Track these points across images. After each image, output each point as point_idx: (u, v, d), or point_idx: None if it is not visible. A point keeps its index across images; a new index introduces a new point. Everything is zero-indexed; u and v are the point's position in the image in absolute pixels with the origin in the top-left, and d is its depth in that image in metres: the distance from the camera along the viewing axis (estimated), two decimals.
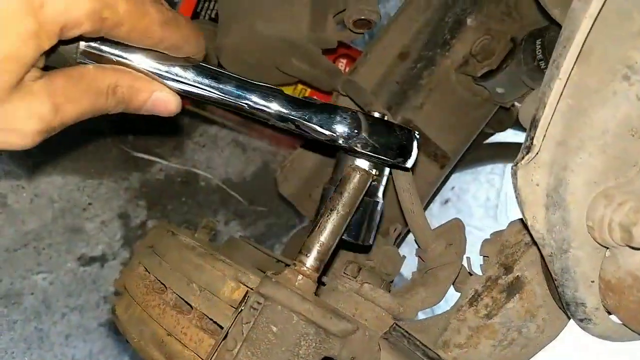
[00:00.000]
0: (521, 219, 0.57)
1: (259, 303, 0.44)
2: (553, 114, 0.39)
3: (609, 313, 0.47)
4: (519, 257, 0.51)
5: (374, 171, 0.57)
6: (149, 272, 0.59)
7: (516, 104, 0.89)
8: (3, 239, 1.25)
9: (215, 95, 0.49)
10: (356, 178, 0.50)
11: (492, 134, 1.09)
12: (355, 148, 0.53)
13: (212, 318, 0.49)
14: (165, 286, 0.55)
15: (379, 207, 0.60)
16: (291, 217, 1.57)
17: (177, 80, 0.48)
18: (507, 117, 0.99)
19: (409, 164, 0.58)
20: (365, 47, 0.96)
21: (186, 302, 0.52)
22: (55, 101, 0.41)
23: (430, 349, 0.42)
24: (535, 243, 0.44)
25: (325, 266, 0.50)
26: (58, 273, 1.33)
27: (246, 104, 0.50)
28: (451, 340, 0.53)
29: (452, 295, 0.64)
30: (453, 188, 1.86)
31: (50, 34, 0.38)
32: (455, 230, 0.68)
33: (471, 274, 0.59)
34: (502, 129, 1.02)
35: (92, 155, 1.31)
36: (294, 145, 1.22)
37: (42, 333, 1.34)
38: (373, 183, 0.58)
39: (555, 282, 0.44)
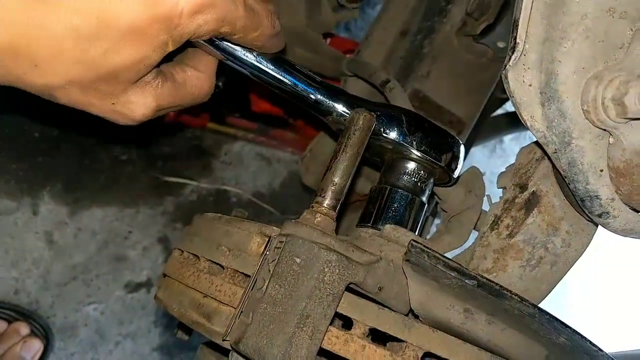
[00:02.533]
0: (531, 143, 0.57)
1: (281, 242, 0.46)
2: (531, 10, 0.41)
3: (632, 210, 0.46)
4: (532, 174, 0.52)
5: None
6: (182, 251, 0.62)
7: None
8: (53, 274, 1.31)
9: (289, 88, 0.57)
10: (360, 119, 0.52)
11: (506, 99, 1.09)
12: (408, 145, 0.57)
13: (242, 272, 0.51)
14: (197, 256, 0.57)
15: (424, 209, 0.61)
16: None
17: (260, 71, 0.55)
18: None
19: (456, 173, 0.61)
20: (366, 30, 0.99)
21: (218, 264, 0.54)
22: (159, 102, 0.51)
23: (449, 259, 0.43)
24: (543, 152, 0.45)
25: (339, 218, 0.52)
26: (108, 302, 1.37)
27: (313, 99, 0.58)
28: (479, 267, 0.53)
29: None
30: (484, 173, 1.85)
31: (176, 44, 0.45)
32: (472, 177, 0.68)
33: None
34: None
35: (126, 185, 1.37)
36: None
37: None
38: (419, 184, 0.60)
39: (566, 179, 0.44)
